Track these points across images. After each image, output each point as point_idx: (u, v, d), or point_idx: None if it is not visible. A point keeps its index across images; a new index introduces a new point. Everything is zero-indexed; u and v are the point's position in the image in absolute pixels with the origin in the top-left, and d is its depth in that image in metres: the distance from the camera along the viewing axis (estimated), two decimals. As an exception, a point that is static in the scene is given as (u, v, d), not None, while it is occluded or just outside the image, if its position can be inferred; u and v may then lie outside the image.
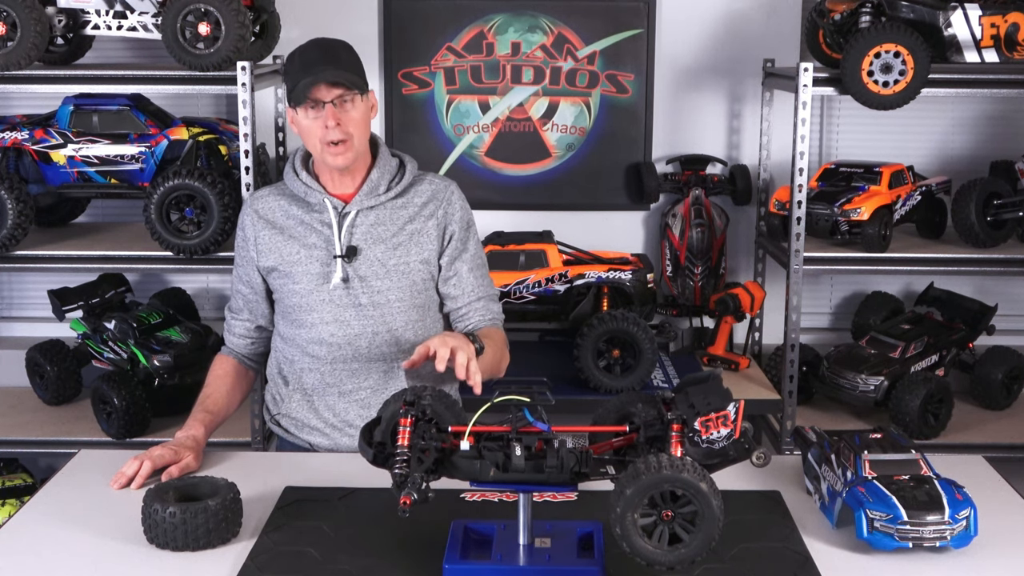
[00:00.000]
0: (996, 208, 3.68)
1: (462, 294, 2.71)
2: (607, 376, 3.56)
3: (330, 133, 2.53)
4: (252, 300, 2.76)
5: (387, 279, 2.63)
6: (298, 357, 2.70)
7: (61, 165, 3.58)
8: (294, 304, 2.67)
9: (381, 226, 2.64)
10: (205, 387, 2.74)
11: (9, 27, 3.37)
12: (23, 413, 3.85)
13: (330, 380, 2.68)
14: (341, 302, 2.63)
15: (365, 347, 2.65)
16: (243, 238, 2.72)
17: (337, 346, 2.65)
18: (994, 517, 2.19)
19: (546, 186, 4.24)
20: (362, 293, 2.63)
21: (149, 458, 2.41)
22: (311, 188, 2.65)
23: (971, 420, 3.83)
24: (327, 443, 2.71)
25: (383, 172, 2.67)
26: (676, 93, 4.18)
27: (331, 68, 2.52)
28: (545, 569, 1.95)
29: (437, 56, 4.15)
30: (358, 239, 2.63)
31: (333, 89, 2.53)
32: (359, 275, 2.63)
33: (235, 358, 2.79)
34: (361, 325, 2.64)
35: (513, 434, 1.94)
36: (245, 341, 2.80)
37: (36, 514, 2.28)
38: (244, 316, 2.78)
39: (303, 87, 2.51)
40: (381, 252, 2.63)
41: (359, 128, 2.58)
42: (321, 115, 2.53)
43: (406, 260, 2.64)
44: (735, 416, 1.95)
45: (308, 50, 2.58)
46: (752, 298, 3.87)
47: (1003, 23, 3.47)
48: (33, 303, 4.35)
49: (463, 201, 2.75)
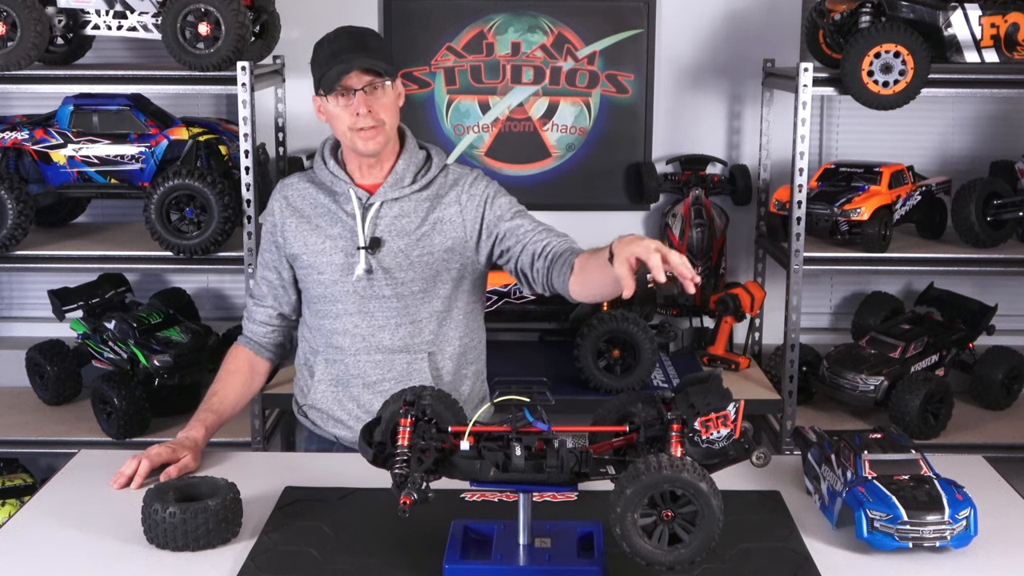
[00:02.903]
0: (996, 208, 3.68)
1: (524, 234, 2.60)
2: (607, 376, 3.56)
3: (361, 120, 2.53)
4: (277, 287, 2.74)
5: (410, 270, 2.62)
6: (323, 348, 2.70)
7: (61, 165, 3.58)
8: (319, 294, 2.67)
9: (405, 218, 2.63)
10: (215, 382, 2.72)
11: (9, 27, 3.37)
12: (23, 413, 3.86)
13: (354, 371, 2.68)
14: (365, 293, 2.63)
15: (388, 339, 2.65)
16: (271, 224, 2.72)
17: (361, 337, 2.65)
18: (994, 517, 2.19)
19: (546, 186, 4.24)
20: (385, 285, 2.62)
21: (147, 457, 2.41)
22: (337, 177, 2.65)
23: (971, 420, 3.82)
24: (351, 436, 2.69)
25: (409, 164, 2.65)
26: (676, 93, 4.18)
27: (362, 55, 2.51)
28: (545, 569, 1.95)
29: (437, 56, 4.15)
30: (382, 230, 2.62)
31: (364, 76, 2.51)
32: (383, 267, 2.62)
33: (252, 349, 2.76)
34: (385, 317, 2.64)
35: (513, 434, 1.94)
36: (265, 329, 2.77)
37: (36, 514, 2.28)
38: (268, 303, 2.75)
39: (334, 75, 2.50)
40: (404, 244, 2.62)
41: (389, 113, 2.57)
42: (351, 103, 2.52)
43: (430, 251, 2.63)
44: (735, 416, 1.95)
45: (337, 38, 2.56)
46: (752, 298, 3.87)
47: (1003, 23, 3.47)
48: (33, 303, 4.35)
49: (487, 181, 2.70)
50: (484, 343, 2.85)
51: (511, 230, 2.61)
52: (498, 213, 2.64)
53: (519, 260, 2.59)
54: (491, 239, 2.64)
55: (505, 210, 2.64)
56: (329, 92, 2.53)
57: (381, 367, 2.66)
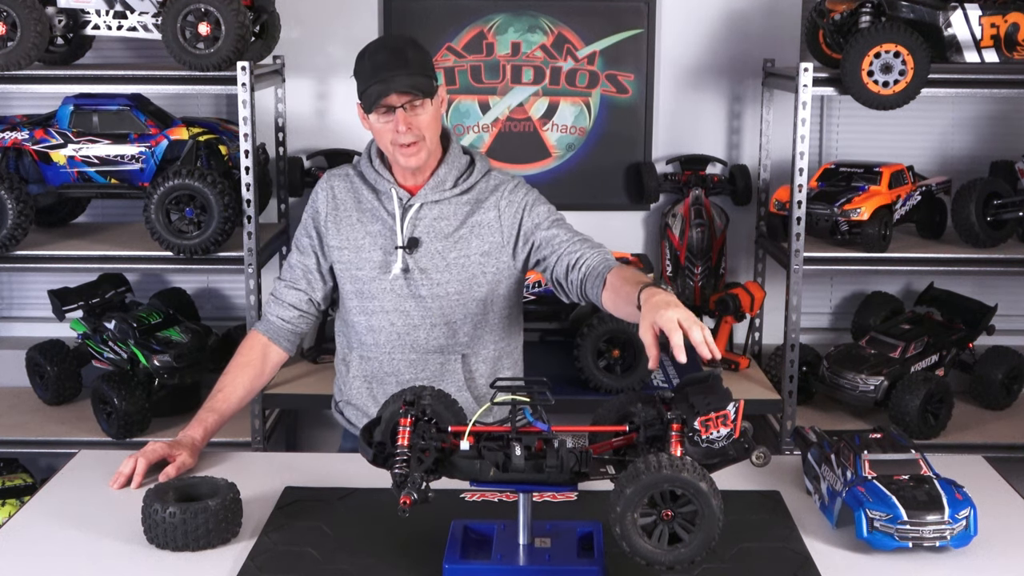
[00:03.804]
0: (996, 208, 3.68)
1: (560, 244, 2.61)
2: (607, 376, 3.56)
3: (401, 137, 2.54)
4: (313, 271, 2.74)
5: (447, 272, 2.64)
6: (357, 344, 2.72)
7: (61, 165, 3.58)
8: (356, 290, 2.69)
9: (444, 220, 2.65)
10: (224, 374, 2.70)
11: (9, 27, 3.37)
12: (23, 413, 3.86)
13: (388, 369, 2.70)
14: (401, 292, 2.65)
15: (423, 339, 2.67)
16: (314, 211, 2.73)
17: (396, 335, 2.67)
18: (994, 517, 2.19)
19: (546, 186, 4.16)
20: (422, 285, 2.64)
21: (143, 455, 2.42)
22: (381, 176, 2.67)
23: (971, 420, 3.82)
24: None
25: (451, 168, 2.67)
26: (676, 93, 4.18)
27: (401, 74, 2.50)
28: (545, 569, 1.95)
29: (437, 56, 4.14)
30: (420, 232, 2.64)
31: (403, 95, 2.52)
32: (420, 267, 2.64)
33: (270, 335, 2.73)
34: (420, 316, 2.66)
35: (513, 434, 1.94)
36: (292, 313, 2.73)
37: (36, 514, 2.28)
38: (301, 286, 2.73)
39: (373, 95, 2.50)
40: (442, 246, 2.64)
41: (430, 129, 2.58)
42: (392, 119, 2.54)
43: (466, 253, 2.64)
44: (735, 416, 1.95)
45: (376, 52, 2.56)
46: (752, 298, 3.87)
47: (1003, 23, 3.47)
48: (33, 303, 4.35)
49: (527, 189, 2.72)
50: (521, 349, 2.85)
51: (547, 239, 2.63)
52: (536, 221, 2.66)
53: (554, 270, 2.61)
54: (528, 246, 2.67)
55: (543, 218, 2.66)
56: (369, 111, 2.55)
57: (415, 366, 2.69)
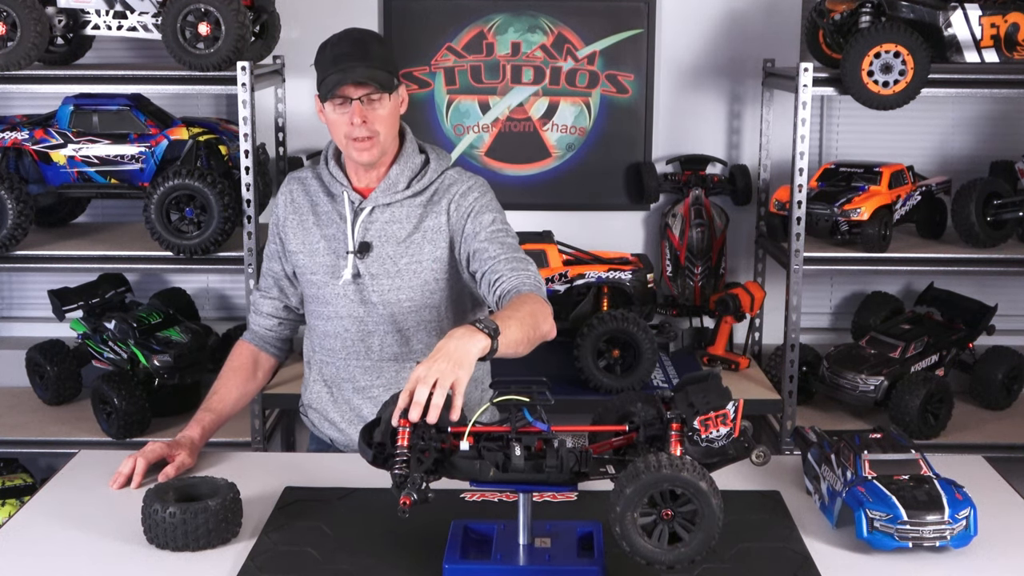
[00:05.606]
0: (996, 208, 3.68)
1: (486, 260, 2.49)
2: (607, 376, 3.56)
3: (356, 130, 2.49)
4: (283, 278, 2.72)
5: (397, 278, 2.57)
6: (319, 348, 2.69)
7: (61, 165, 3.58)
8: (312, 295, 2.66)
9: (396, 224, 2.58)
10: (217, 380, 2.70)
11: (9, 27, 3.37)
12: (23, 413, 3.86)
13: (345, 375, 2.66)
14: (353, 298, 2.59)
15: (377, 345, 2.61)
16: (276, 216, 2.71)
17: (351, 341, 2.62)
18: (994, 517, 2.19)
19: (546, 186, 4.24)
20: (373, 291, 2.58)
21: (142, 455, 2.42)
22: (335, 179, 2.62)
23: (971, 420, 3.82)
24: (343, 439, 2.68)
25: (403, 169, 2.59)
26: (676, 93, 4.18)
27: (360, 65, 2.46)
28: (545, 569, 1.95)
29: (437, 56, 4.15)
30: (372, 235, 2.58)
31: (361, 87, 2.47)
32: (370, 272, 2.58)
33: (256, 344, 2.75)
34: (373, 323, 2.60)
35: (513, 434, 1.94)
36: (272, 322, 2.74)
37: (36, 514, 2.28)
38: (274, 294, 2.74)
39: (331, 83, 2.46)
40: (393, 250, 2.57)
41: (385, 125, 2.52)
42: (348, 111, 2.48)
43: (418, 259, 2.57)
44: (734, 415, 1.95)
45: (339, 42, 2.52)
46: (752, 298, 3.87)
47: (1003, 23, 3.47)
48: (33, 303, 4.35)
49: (480, 193, 2.60)
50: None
51: (478, 252, 2.51)
52: (475, 230, 2.54)
53: (480, 285, 2.52)
54: (465, 255, 2.56)
55: (482, 228, 2.54)
56: (325, 100, 2.50)
57: (370, 373, 2.63)
